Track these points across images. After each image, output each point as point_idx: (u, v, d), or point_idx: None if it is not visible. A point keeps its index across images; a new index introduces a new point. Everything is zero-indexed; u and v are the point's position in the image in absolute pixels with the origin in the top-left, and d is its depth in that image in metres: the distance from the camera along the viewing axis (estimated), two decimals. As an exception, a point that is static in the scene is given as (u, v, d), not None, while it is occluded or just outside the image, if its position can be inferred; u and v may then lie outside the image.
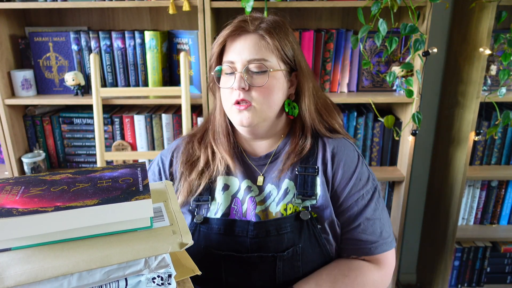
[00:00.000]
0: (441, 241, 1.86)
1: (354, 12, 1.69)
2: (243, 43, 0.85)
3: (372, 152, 1.74)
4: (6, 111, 1.58)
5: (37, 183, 0.65)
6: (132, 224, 0.60)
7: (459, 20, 1.70)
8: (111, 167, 0.71)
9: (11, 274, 0.53)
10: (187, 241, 0.59)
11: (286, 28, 0.89)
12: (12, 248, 0.57)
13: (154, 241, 0.59)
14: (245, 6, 1.43)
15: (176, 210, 0.68)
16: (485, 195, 1.84)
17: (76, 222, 0.56)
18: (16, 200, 0.59)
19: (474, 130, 1.62)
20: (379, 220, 0.90)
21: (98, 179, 0.65)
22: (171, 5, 1.46)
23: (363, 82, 1.67)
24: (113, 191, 0.60)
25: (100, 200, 0.58)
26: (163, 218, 0.65)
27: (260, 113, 0.87)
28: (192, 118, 1.64)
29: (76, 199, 0.58)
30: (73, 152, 1.75)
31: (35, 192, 0.61)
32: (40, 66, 1.64)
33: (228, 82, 0.87)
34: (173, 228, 0.62)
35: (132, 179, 0.65)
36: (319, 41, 1.58)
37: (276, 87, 0.87)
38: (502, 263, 1.93)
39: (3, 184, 0.65)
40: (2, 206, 0.57)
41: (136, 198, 0.58)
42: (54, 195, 0.60)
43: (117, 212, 0.57)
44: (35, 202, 0.58)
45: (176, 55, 1.66)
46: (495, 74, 1.61)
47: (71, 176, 0.67)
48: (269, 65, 0.85)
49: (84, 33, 1.59)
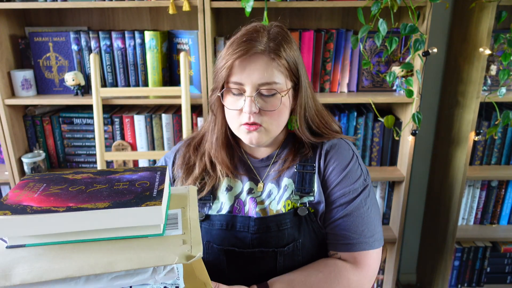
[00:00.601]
0: (441, 241, 1.86)
1: (354, 12, 1.69)
2: (253, 66, 0.82)
3: (372, 152, 1.74)
4: (6, 111, 1.58)
5: (58, 181, 0.66)
6: (142, 230, 0.59)
7: (459, 20, 1.70)
8: (133, 169, 0.71)
9: (19, 271, 0.53)
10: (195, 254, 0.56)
11: (289, 38, 0.87)
12: (26, 245, 0.58)
13: (162, 250, 0.57)
14: (245, 6, 1.43)
15: (192, 218, 0.66)
16: (485, 195, 1.84)
17: (84, 224, 0.57)
18: (34, 197, 0.60)
19: (474, 130, 1.62)
20: (361, 218, 0.89)
21: (116, 181, 0.65)
22: (171, 5, 1.46)
23: (363, 82, 1.67)
24: (126, 195, 0.60)
25: (111, 204, 0.57)
26: (176, 226, 0.63)
27: (270, 133, 0.87)
28: (192, 118, 1.64)
29: (89, 201, 0.58)
30: (73, 152, 1.75)
31: (54, 191, 0.62)
32: (40, 66, 1.64)
33: (236, 103, 0.85)
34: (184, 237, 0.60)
35: (149, 183, 0.64)
36: (319, 41, 1.58)
37: (285, 107, 0.87)
38: (502, 263, 1.93)
39: (27, 180, 0.66)
40: (20, 202, 0.58)
41: (147, 203, 0.57)
42: (70, 195, 0.61)
43: (126, 217, 0.57)
44: (51, 201, 0.59)
45: (176, 55, 1.66)
46: (495, 74, 1.61)
47: (92, 176, 0.68)
48: (279, 87, 0.84)
49: (84, 33, 1.59)
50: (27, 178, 0.68)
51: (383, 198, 1.83)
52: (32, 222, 0.55)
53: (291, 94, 0.88)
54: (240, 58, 0.82)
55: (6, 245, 0.59)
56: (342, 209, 0.89)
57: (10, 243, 0.58)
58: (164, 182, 0.65)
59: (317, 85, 1.65)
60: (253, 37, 0.83)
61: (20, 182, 0.66)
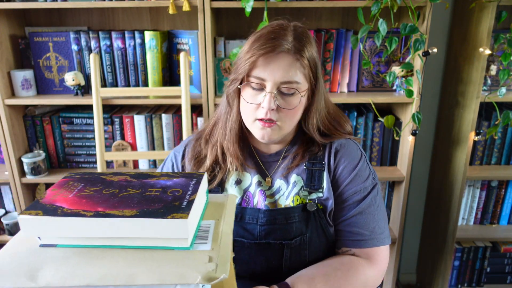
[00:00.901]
0: (441, 241, 1.86)
1: (354, 12, 1.69)
2: (277, 63, 0.83)
3: (372, 152, 1.74)
4: (6, 111, 1.58)
5: (95, 182, 0.66)
6: (169, 242, 0.57)
7: (459, 20, 1.70)
8: (170, 174, 0.70)
9: (45, 273, 0.54)
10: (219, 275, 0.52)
11: (311, 39, 0.88)
12: (57, 245, 0.59)
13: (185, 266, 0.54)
14: (245, 6, 1.43)
15: (225, 233, 0.63)
16: (485, 195, 1.84)
17: (110, 231, 0.56)
18: (68, 198, 0.61)
19: (474, 130, 1.62)
20: (372, 215, 0.92)
21: (149, 187, 0.65)
22: (171, 5, 1.46)
23: (363, 82, 1.67)
24: (156, 203, 0.59)
25: (138, 212, 0.56)
26: (206, 240, 0.60)
27: (283, 131, 0.89)
28: (192, 118, 1.64)
29: (118, 207, 0.58)
30: (73, 152, 1.75)
31: (88, 192, 0.62)
32: (40, 66, 1.64)
33: (255, 98, 0.86)
34: (211, 254, 0.57)
35: (181, 191, 0.63)
36: (319, 41, 1.58)
37: (301, 107, 0.89)
38: (502, 263, 1.93)
39: (68, 179, 0.67)
40: (53, 203, 0.59)
41: (173, 215, 0.55)
42: (102, 198, 0.61)
43: (151, 227, 0.55)
44: (82, 203, 0.59)
45: (176, 55, 1.66)
46: (495, 74, 1.61)
47: (129, 179, 0.68)
48: (299, 87, 0.85)
49: (84, 33, 1.59)
50: (68, 176, 0.68)
51: (383, 198, 1.83)
52: (60, 224, 0.56)
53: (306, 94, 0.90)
54: (265, 55, 0.83)
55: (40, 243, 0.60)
56: (354, 207, 0.91)
57: (43, 241, 0.60)
58: (197, 191, 0.63)
59: (317, 85, 1.65)
60: (280, 35, 0.84)
61: (61, 180, 0.67)
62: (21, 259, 0.57)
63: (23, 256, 0.57)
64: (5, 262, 0.56)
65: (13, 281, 0.53)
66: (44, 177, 1.69)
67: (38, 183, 1.78)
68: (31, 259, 0.56)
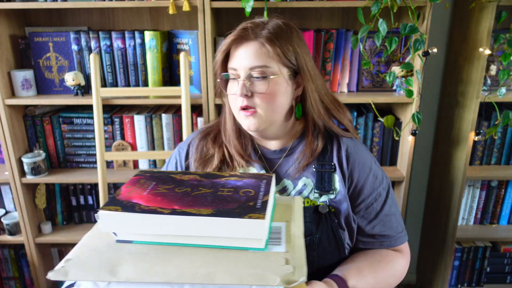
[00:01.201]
0: (441, 241, 1.86)
1: (354, 12, 1.69)
2: (245, 51, 0.86)
3: (372, 152, 1.74)
4: (6, 111, 1.58)
5: (166, 180, 0.67)
6: (244, 242, 0.57)
7: (459, 20, 1.70)
8: (239, 175, 0.70)
9: (124, 268, 0.55)
10: (298, 278, 0.52)
11: (289, 32, 0.89)
12: (133, 242, 0.60)
13: (263, 268, 0.54)
14: (245, 6, 1.43)
15: (297, 235, 0.62)
16: (485, 195, 1.84)
17: (187, 229, 0.57)
18: (143, 195, 0.62)
19: (474, 130, 1.62)
20: (394, 215, 0.96)
21: (220, 186, 0.65)
22: (171, 5, 1.46)
23: (363, 82, 1.67)
24: (230, 203, 0.59)
25: (214, 211, 0.57)
26: (280, 242, 0.60)
27: (266, 118, 0.89)
28: (192, 118, 1.64)
29: (193, 205, 0.59)
30: (73, 152, 1.75)
31: (161, 190, 0.63)
32: (40, 66, 1.64)
33: (233, 88, 0.89)
34: (287, 256, 0.56)
35: (253, 192, 0.63)
36: (319, 41, 1.58)
37: (280, 91, 0.88)
38: (502, 263, 1.93)
39: (139, 177, 0.69)
40: (130, 199, 0.60)
41: (250, 216, 0.55)
42: (176, 196, 0.61)
43: (227, 227, 0.55)
44: (158, 201, 0.60)
45: (176, 55, 1.66)
46: (495, 74, 1.61)
47: (199, 178, 0.69)
48: (270, 71, 0.86)
49: (84, 33, 1.59)
50: (139, 174, 0.70)
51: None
52: (138, 220, 0.57)
53: (289, 80, 0.90)
54: (234, 44, 0.87)
55: (116, 239, 0.61)
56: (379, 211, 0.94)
57: (119, 237, 0.60)
58: (269, 192, 0.63)
59: (317, 85, 1.65)
60: (248, 26, 0.87)
61: (133, 178, 0.68)
62: (100, 254, 0.58)
63: (101, 251, 0.58)
64: (85, 256, 0.58)
65: (95, 274, 0.54)
66: (44, 177, 1.69)
67: (38, 183, 1.78)
68: (109, 254, 0.57)
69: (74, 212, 1.87)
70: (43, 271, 1.89)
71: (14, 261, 1.94)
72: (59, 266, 0.56)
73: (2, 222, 1.79)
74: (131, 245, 0.59)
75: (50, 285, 1.96)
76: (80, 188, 1.82)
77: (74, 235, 1.81)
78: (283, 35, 0.88)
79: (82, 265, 0.56)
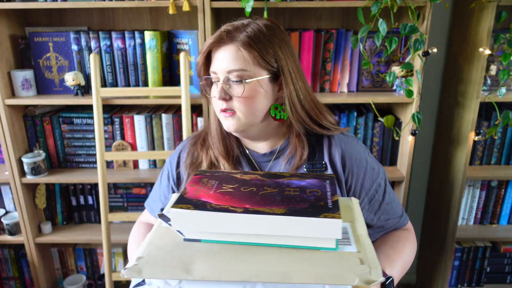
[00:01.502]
0: (441, 241, 1.86)
1: (354, 12, 1.69)
2: (223, 54, 0.87)
3: (372, 152, 1.74)
4: (6, 111, 1.58)
5: (229, 180, 0.67)
6: (316, 242, 0.57)
7: (459, 20, 1.70)
8: (299, 175, 0.71)
9: (198, 267, 0.54)
10: (376, 278, 0.52)
11: (271, 34, 0.88)
12: (201, 240, 0.59)
13: (339, 268, 0.53)
14: (245, 6, 1.43)
15: (363, 235, 0.62)
16: (485, 195, 1.84)
17: (262, 228, 0.56)
18: (210, 194, 0.62)
19: (474, 130, 1.62)
20: (393, 201, 0.98)
21: (285, 186, 0.65)
22: (171, 5, 1.46)
23: (363, 82, 1.67)
24: (300, 202, 0.59)
25: (287, 210, 0.56)
26: (349, 242, 0.60)
27: (244, 120, 0.89)
28: (192, 118, 1.64)
29: (264, 204, 0.58)
30: (73, 152, 1.75)
31: (227, 189, 0.63)
32: (40, 66, 1.64)
33: (214, 91, 0.90)
34: (360, 256, 0.56)
35: (320, 192, 0.63)
36: (319, 41, 1.58)
37: (258, 94, 0.88)
38: (502, 263, 1.93)
39: (200, 176, 0.69)
40: (199, 198, 0.60)
41: (325, 215, 0.55)
42: (244, 195, 0.61)
43: (302, 226, 0.55)
44: (226, 200, 0.60)
45: (176, 55, 1.66)
46: (495, 74, 1.61)
47: (260, 178, 0.69)
48: (247, 74, 0.86)
49: (84, 33, 1.59)
50: (199, 173, 0.70)
51: (383, 198, 1.83)
52: (211, 218, 0.57)
53: (268, 83, 0.89)
54: (213, 46, 0.88)
55: (183, 237, 0.60)
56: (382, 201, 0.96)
57: (187, 236, 0.60)
58: (336, 192, 0.63)
59: (317, 85, 1.65)
60: (226, 29, 0.87)
61: (194, 177, 0.68)
62: (171, 252, 0.57)
63: (171, 249, 0.58)
64: (156, 254, 0.57)
65: (170, 273, 0.54)
66: (44, 177, 1.69)
67: (38, 183, 1.78)
68: (180, 252, 0.57)
69: (74, 212, 1.87)
70: (43, 271, 1.89)
71: (14, 261, 1.94)
72: (131, 264, 0.55)
73: (2, 222, 1.79)
74: (200, 243, 0.59)
75: (50, 285, 1.96)
76: (80, 188, 1.82)
77: (74, 235, 1.81)
78: (262, 38, 0.86)
79: (155, 263, 0.55)
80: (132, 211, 1.85)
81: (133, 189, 1.83)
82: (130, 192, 1.83)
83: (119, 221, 1.87)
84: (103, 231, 1.64)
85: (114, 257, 1.93)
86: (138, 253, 0.57)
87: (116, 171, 1.75)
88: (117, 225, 1.87)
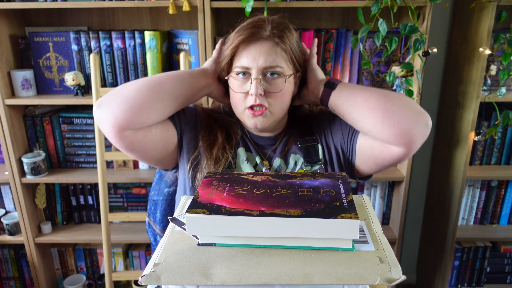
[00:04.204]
0: (441, 241, 1.86)
1: (354, 12, 1.69)
2: (258, 50, 0.87)
3: (372, 152, 1.73)
4: (6, 111, 1.58)
5: (240, 182, 0.67)
6: (333, 243, 0.57)
7: (459, 20, 1.70)
8: (311, 175, 0.70)
9: (217, 272, 0.54)
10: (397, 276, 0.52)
11: (290, 28, 0.92)
12: (216, 244, 0.59)
13: (359, 267, 0.53)
14: (245, 6, 1.43)
15: (379, 233, 0.62)
16: (485, 195, 1.84)
17: (279, 230, 0.56)
18: (224, 197, 0.61)
19: (474, 130, 1.62)
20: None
21: (298, 187, 0.65)
22: (171, 5, 1.46)
23: (363, 82, 1.67)
24: (315, 203, 0.59)
25: (303, 212, 0.56)
26: (366, 241, 0.59)
27: (274, 117, 0.91)
28: (192, 118, 1.64)
29: (279, 206, 0.58)
30: (73, 152, 1.75)
31: (240, 192, 0.63)
32: (40, 66, 1.64)
33: (243, 86, 0.89)
34: (379, 255, 0.56)
35: (334, 192, 0.63)
36: (319, 41, 1.58)
37: (289, 90, 0.92)
38: (502, 263, 1.93)
39: (211, 179, 0.68)
40: (212, 201, 0.60)
41: (342, 216, 0.55)
42: (258, 197, 0.61)
43: (321, 228, 0.55)
44: (241, 202, 0.59)
45: (176, 55, 1.66)
46: (495, 74, 1.61)
47: (272, 179, 0.68)
48: (283, 71, 0.88)
49: (84, 33, 1.59)
50: (209, 175, 0.70)
51: (383, 198, 1.83)
52: (227, 223, 0.56)
53: (292, 80, 0.93)
54: (245, 42, 0.87)
55: (198, 242, 0.59)
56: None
57: (201, 240, 0.59)
58: (350, 192, 0.63)
59: (317, 85, 1.65)
60: (258, 24, 0.89)
61: (205, 180, 0.68)
62: (188, 257, 0.56)
63: (187, 254, 0.57)
64: (173, 260, 0.56)
65: (189, 278, 0.53)
66: (44, 177, 1.69)
67: (38, 183, 1.78)
68: (197, 257, 0.56)
69: (74, 212, 1.87)
70: (43, 271, 1.89)
71: (14, 261, 1.94)
72: (148, 270, 0.54)
73: (2, 222, 1.79)
74: (215, 248, 0.58)
75: (50, 285, 1.96)
76: (80, 188, 1.82)
77: (74, 235, 1.81)
78: (291, 35, 0.91)
79: (173, 269, 0.54)
80: (132, 211, 1.85)
81: (133, 189, 1.83)
82: (130, 192, 1.83)
83: (119, 221, 1.87)
84: (103, 231, 1.64)
85: (114, 257, 1.93)
86: (154, 259, 0.57)
87: (116, 171, 1.75)
88: (117, 225, 1.88)
